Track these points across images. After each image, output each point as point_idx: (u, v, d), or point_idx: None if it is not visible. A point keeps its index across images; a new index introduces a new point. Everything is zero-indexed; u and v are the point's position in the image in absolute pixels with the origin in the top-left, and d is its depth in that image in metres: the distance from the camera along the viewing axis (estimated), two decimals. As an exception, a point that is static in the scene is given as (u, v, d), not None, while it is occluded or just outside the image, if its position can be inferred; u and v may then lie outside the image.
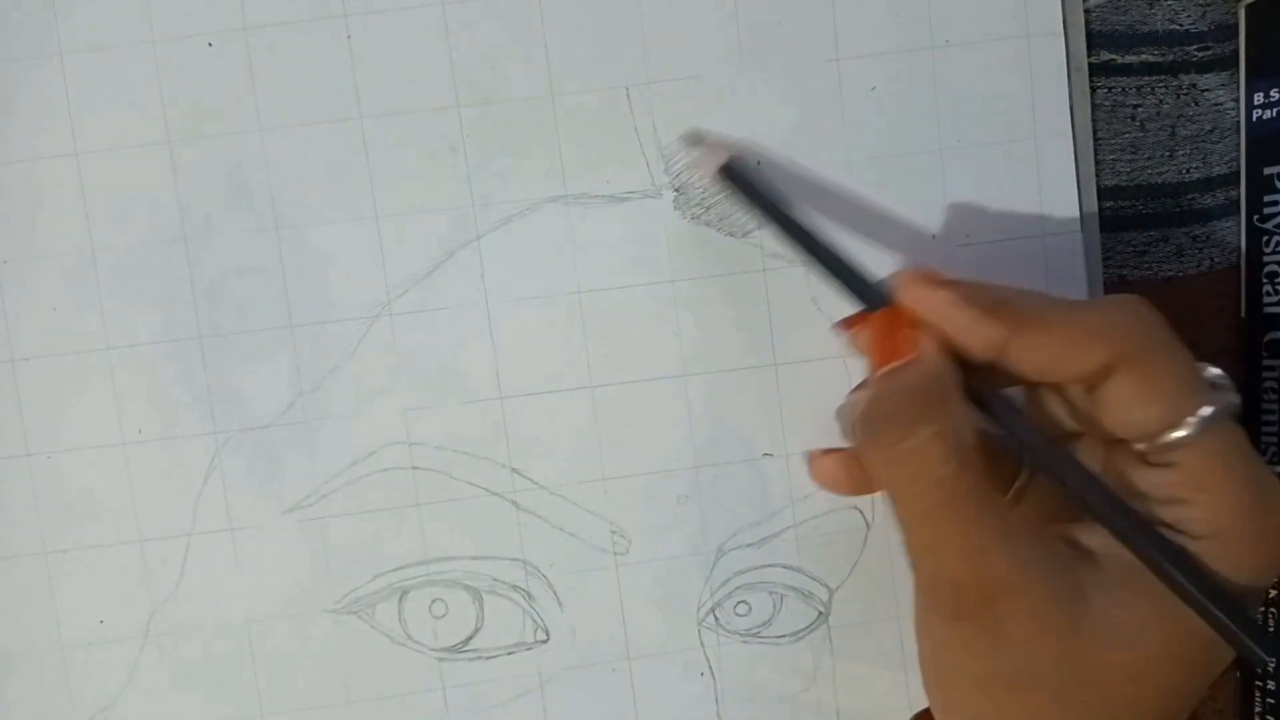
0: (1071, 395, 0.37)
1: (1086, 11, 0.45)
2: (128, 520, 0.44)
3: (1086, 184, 0.45)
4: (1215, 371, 0.36)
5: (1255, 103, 0.45)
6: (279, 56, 0.43)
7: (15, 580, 0.44)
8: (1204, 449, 0.34)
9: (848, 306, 0.39)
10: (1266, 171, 0.45)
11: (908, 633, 0.46)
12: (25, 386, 0.43)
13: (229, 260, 0.43)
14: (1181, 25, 0.46)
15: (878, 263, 0.44)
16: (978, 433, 0.35)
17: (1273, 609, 0.46)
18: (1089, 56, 0.45)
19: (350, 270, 0.44)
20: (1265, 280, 0.46)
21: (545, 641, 0.45)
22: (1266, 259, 0.45)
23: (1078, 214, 0.45)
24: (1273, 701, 0.46)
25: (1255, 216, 0.46)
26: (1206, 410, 0.34)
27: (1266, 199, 0.45)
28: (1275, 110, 0.45)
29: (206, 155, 0.43)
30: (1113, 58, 0.45)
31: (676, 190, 0.44)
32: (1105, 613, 0.34)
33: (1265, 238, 0.45)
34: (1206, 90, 0.46)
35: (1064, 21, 0.44)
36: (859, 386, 0.40)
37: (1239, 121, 0.46)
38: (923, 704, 0.46)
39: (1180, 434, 0.34)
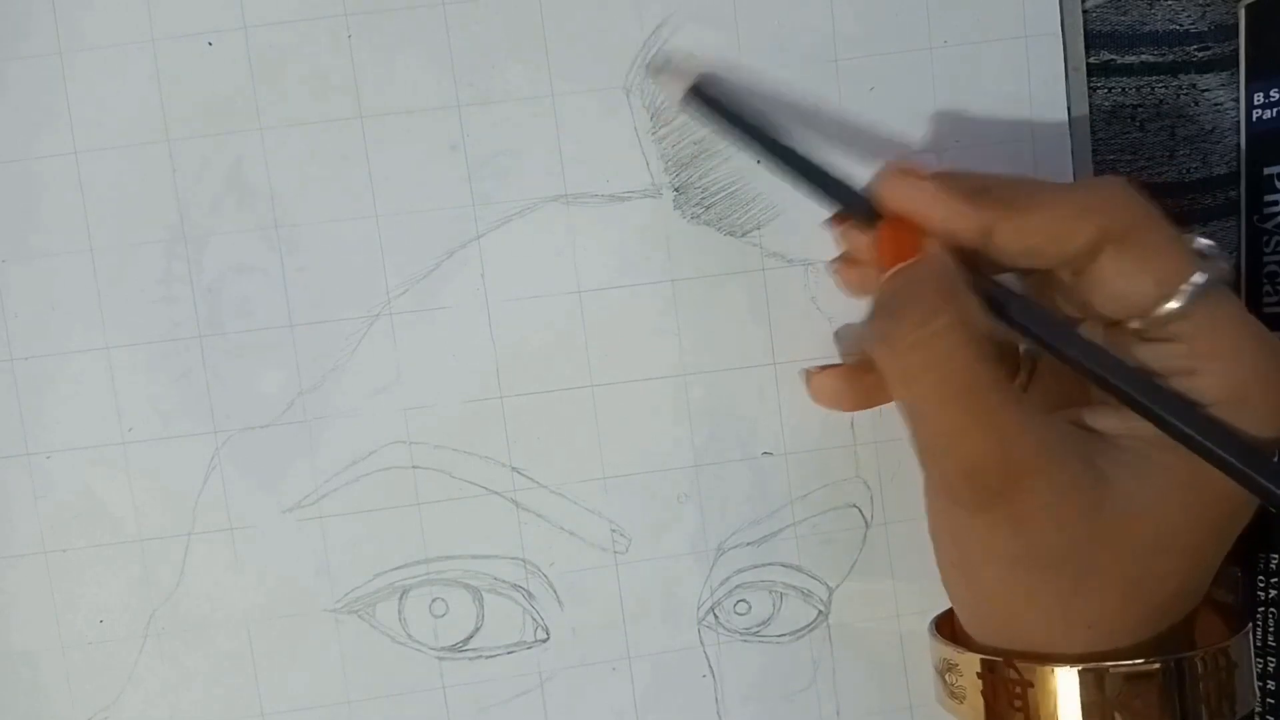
0: (1062, 280, 0.37)
1: (1086, 12, 0.45)
2: (127, 520, 0.44)
3: (1086, 181, 0.45)
4: (1205, 242, 0.36)
5: (1255, 103, 0.46)
6: (279, 55, 0.43)
7: (15, 580, 0.44)
8: (1202, 317, 0.34)
9: (847, 304, 0.39)
10: (1266, 172, 0.45)
11: (908, 631, 0.46)
12: (24, 386, 0.43)
13: (229, 259, 0.43)
14: (1181, 25, 0.46)
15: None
16: (987, 323, 0.35)
17: (1273, 609, 0.46)
18: (1088, 57, 0.45)
19: (350, 269, 0.44)
20: (1265, 280, 0.46)
21: (545, 640, 0.45)
22: (1266, 259, 0.46)
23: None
24: (1273, 701, 0.46)
25: (1255, 217, 0.46)
26: (1199, 278, 0.34)
27: (1266, 199, 0.45)
28: (1275, 110, 0.45)
29: (206, 154, 0.43)
30: (1112, 58, 0.45)
31: (676, 190, 0.44)
32: (1125, 489, 0.34)
33: (1265, 238, 0.45)
34: (1206, 90, 0.46)
35: (1062, 22, 0.44)
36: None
37: (1239, 122, 0.46)
38: (923, 701, 0.46)
39: (1174, 305, 0.34)
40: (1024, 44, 0.44)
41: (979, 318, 0.35)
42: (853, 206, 0.39)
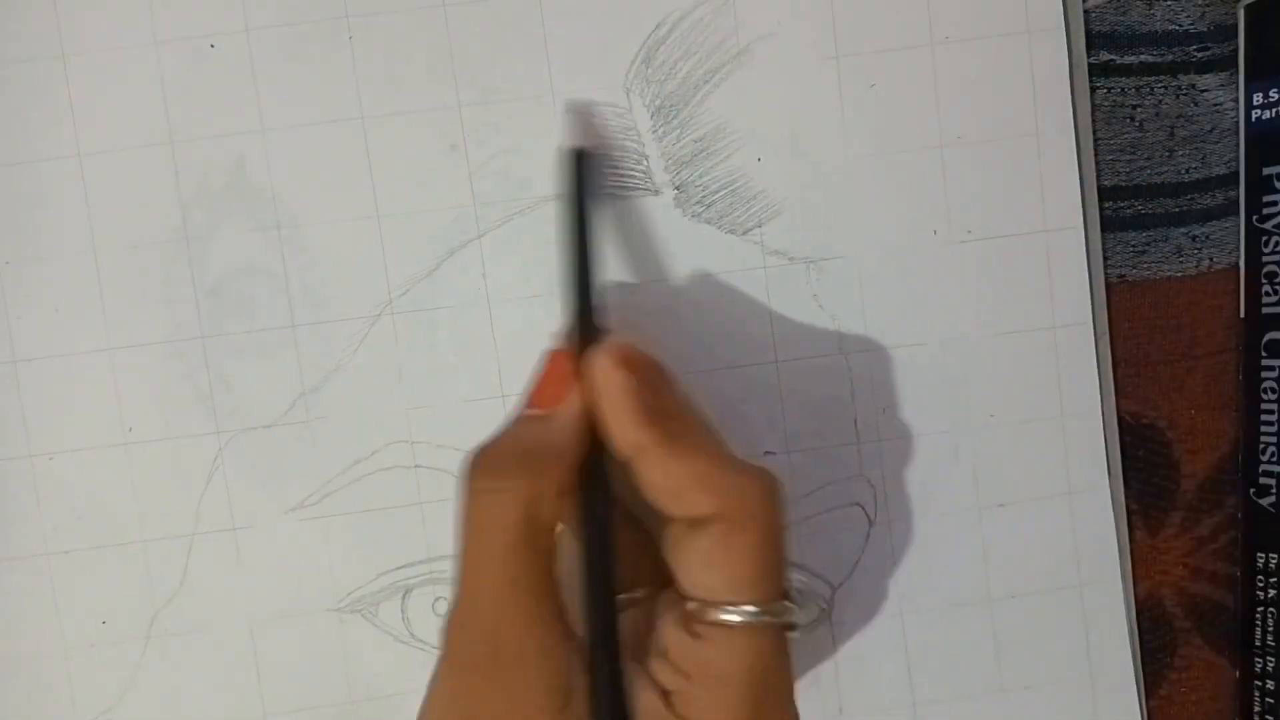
0: (674, 531, 0.36)
1: (1086, 12, 0.45)
2: (130, 521, 0.44)
3: (1088, 179, 0.45)
4: (800, 583, 0.35)
5: (1254, 103, 0.46)
6: (281, 57, 0.43)
7: (18, 582, 0.44)
8: (736, 645, 0.33)
9: (850, 302, 0.39)
10: (1266, 172, 0.45)
11: (910, 630, 0.46)
12: (27, 387, 0.44)
13: (231, 260, 0.43)
14: (1181, 26, 0.46)
15: (875, 264, 0.44)
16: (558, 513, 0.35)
17: (1272, 609, 0.46)
18: (1088, 57, 0.45)
19: (352, 269, 0.44)
20: (1264, 280, 0.46)
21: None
22: (1266, 259, 0.46)
23: (1080, 209, 0.45)
24: (1272, 701, 0.46)
25: (1254, 217, 0.46)
26: (753, 609, 0.33)
27: (1266, 199, 0.45)
28: (1274, 110, 0.45)
29: (209, 155, 0.43)
30: (1112, 58, 0.46)
31: (677, 188, 0.44)
32: None
33: (1264, 238, 0.46)
34: (1206, 91, 0.46)
35: (1065, 17, 0.45)
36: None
37: (1238, 122, 0.46)
38: (926, 700, 0.46)
39: (724, 616, 0.33)
40: (1026, 39, 0.44)
41: (550, 506, 0.34)
42: (579, 329, 0.38)
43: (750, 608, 0.33)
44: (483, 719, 0.34)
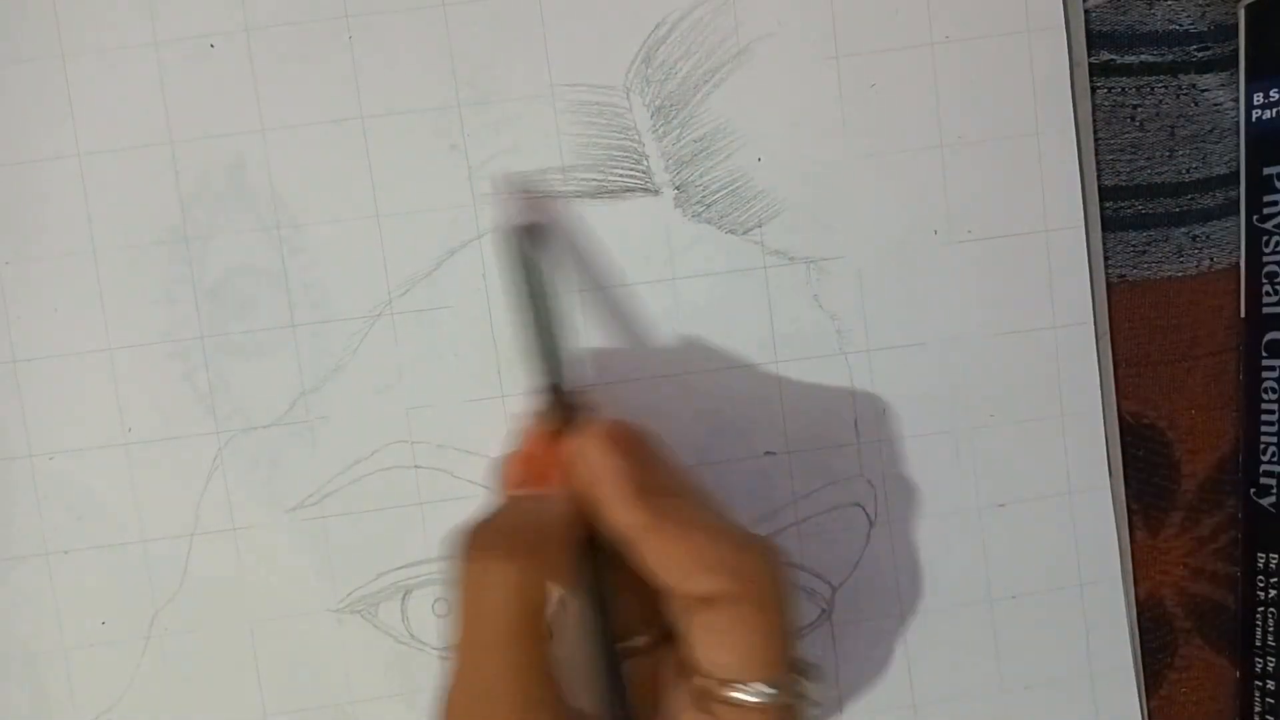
0: (677, 607, 0.36)
1: (1086, 12, 0.45)
2: (130, 521, 0.44)
3: (1089, 179, 0.45)
4: (809, 660, 0.35)
5: (1255, 103, 0.46)
6: (281, 57, 0.43)
7: (18, 581, 0.44)
8: None
9: (850, 302, 0.39)
10: (1266, 171, 0.45)
11: (911, 629, 0.46)
12: (27, 387, 0.43)
13: (231, 260, 0.43)
14: (1181, 25, 0.46)
15: (875, 264, 0.44)
16: (567, 600, 0.35)
17: (1272, 609, 0.46)
18: (1089, 57, 0.45)
19: (352, 269, 0.44)
20: (1265, 280, 0.46)
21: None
22: (1266, 259, 0.46)
23: (1080, 208, 0.45)
24: (1273, 701, 0.46)
25: (1255, 216, 0.46)
26: (767, 689, 0.33)
27: (1266, 199, 0.45)
28: (1275, 110, 0.45)
29: (208, 155, 0.43)
30: (1112, 58, 0.46)
31: (677, 188, 0.44)
32: None
33: (1265, 238, 0.46)
34: (1206, 90, 0.46)
35: (1065, 16, 0.45)
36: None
37: (1238, 122, 0.46)
38: (927, 700, 0.46)
39: (738, 695, 0.33)
40: (1027, 38, 0.44)
41: (539, 588, 0.34)
42: (552, 407, 0.38)
43: (764, 687, 0.33)
44: None
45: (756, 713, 0.33)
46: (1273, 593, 0.46)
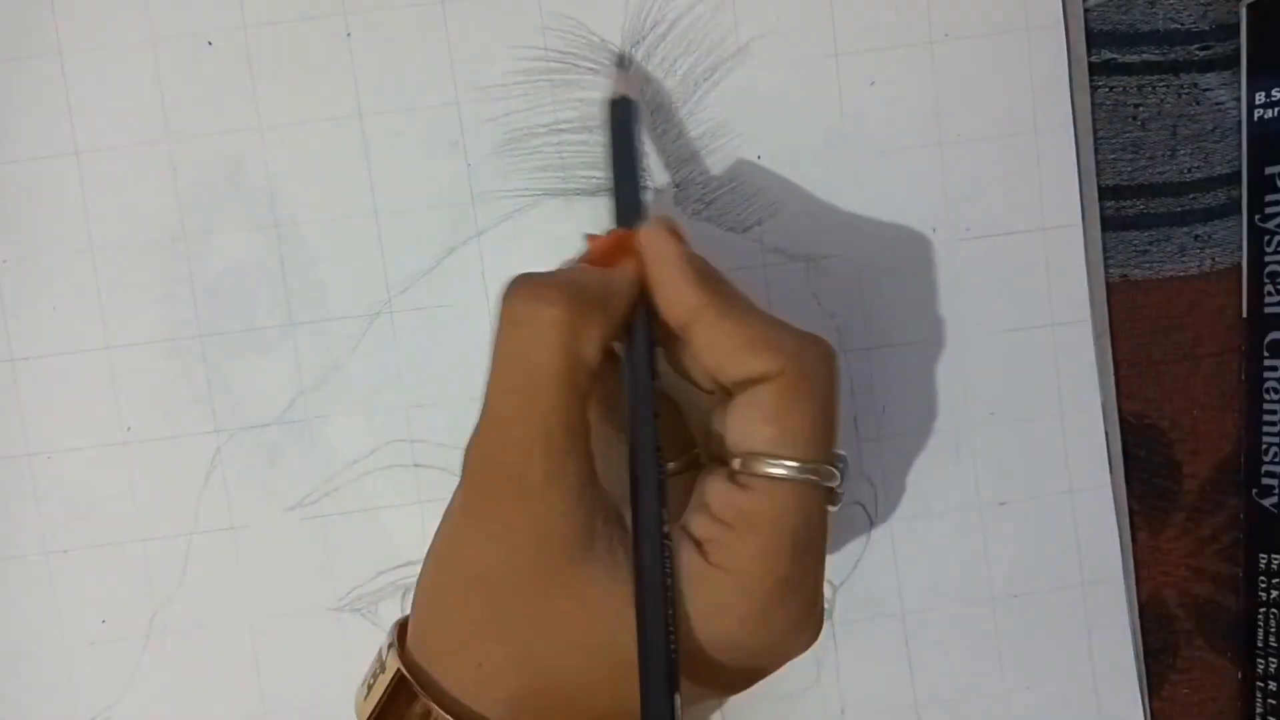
0: (724, 396, 0.36)
1: (1087, 11, 0.45)
2: (129, 519, 0.44)
3: (1087, 176, 0.45)
4: (842, 454, 0.35)
5: (1257, 102, 0.46)
6: (279, 55, 0.43)
7: (17, 581, 0.44)
8: (779, 497, 0.33)
9: (851, 300, 0.39)
10: (1268, 171, 0.45)
11: (912, 629, 0.46)
12: (25, 386, 0.44)
13: (229, 258, 0.43)
14: (1183, 24, 0.46)
15: (874, 262, 0.44)
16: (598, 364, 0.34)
17: (1273, 609, 0.46)
18: (1089, 56, 0.45)
19: (351, 267, 0.44)
20: (1266, 280, 0.46)
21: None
22: (1268, 259, 0.45)
23: (1079, 206, 0.45)
24: (1274, 702, 0.46)
25: (1256, 216, 0.46)
26: (803, 464, 0.33)
27: (1268, 199, 0.45)
28: (1276, 110, 0.45)
29: (207, 153, 0.43)
30: (1113, 57, 0.45)
31: (677, 186, 0.44)
32: (594, 579, 0.33)
33: (1266, 237, 0.45)
34: (1208, 90, 0.46)
35: (1064, 13, 0.44)
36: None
37: (1240, 121, 0.46)
38: (930, 700, 0.46)
39: (773, 469, 0.33)
40: (1026, 36, 0.44)
41: (595, 353, 0.33)
42: (626, 211, 0.38)
43: (800, 463, 0.33)
44: (501, 549, 0.33)
45: (789, 488, 0.33)
46: (1274, 594, 0.46)
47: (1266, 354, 0.46)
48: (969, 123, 0.45)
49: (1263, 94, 0.45)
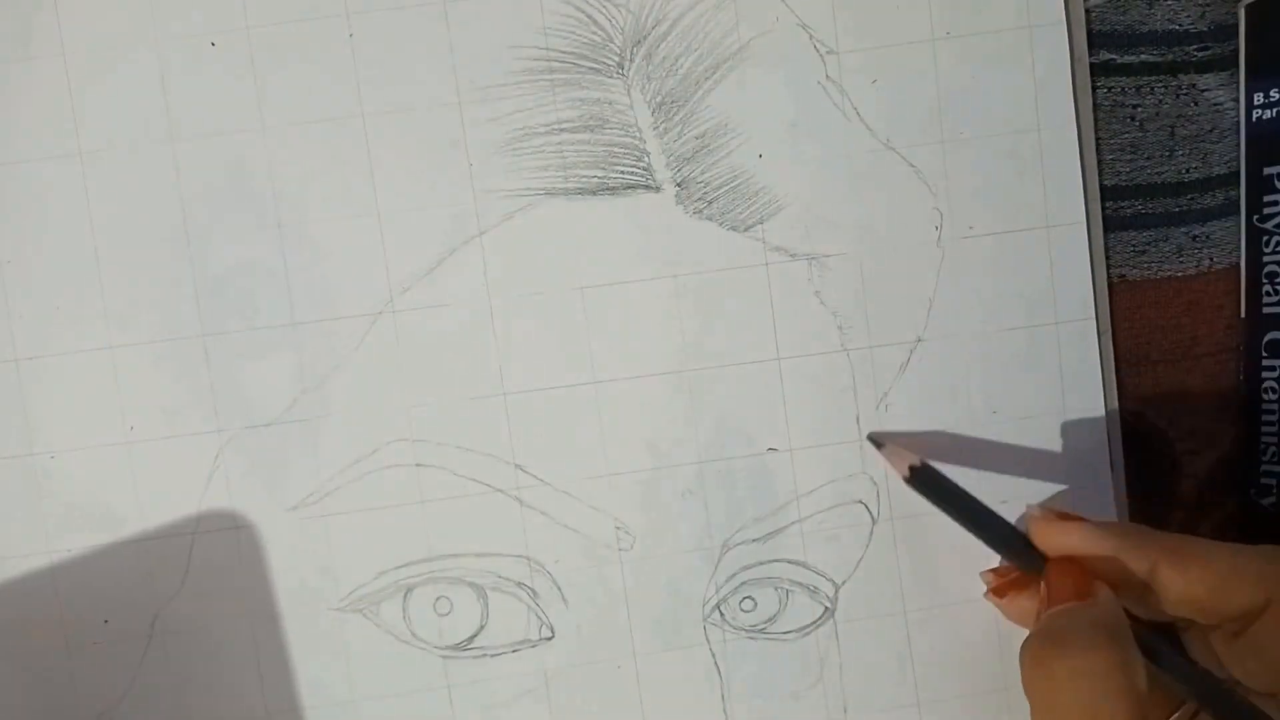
0: (1223, 639, 0.36)
1: (1087, 11, 0.45)
2: (131, 519, 0.44)
3: (1090, 175, 0.45)
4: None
5: (1255, 103, 0.46)
6: (281, 55, 0.43)
7: (19, 580, 0.44)
8: None
9: (851, 299, 0.39)
10: (1266, 171, 0.45)
11: (914, 627, 0.46)
12: (28, 386, 0.43)
13: (231, 258, 0.43)
14: (1181, 25, 0.46)
15: (876, 260, 0.44)
16: (1142, 679, 0.34)
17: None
18: (1089, 57, 0.45)
19: (353, 267, 0.44)
20: (1265, 280, 0.46)
21: (550, 638, 0.45)
22: (1266, 259, 0.46)
23: (1082, 205, 0.45)
24: (1275, 702, 0.46)
25: (1255, 216, 0.46)
26: None
27: (1266, 199, 0.45)
28: (1275, 110, 0.45)
29: (209, 153, 0.43)
30: (1112, 57, 0.46)
31: (678, 185, 0.44)
32: None
33: (1265, 238, 0.46)
34: (1206, 90, 0.46)
35: (1066, 12, 0.45)
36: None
37: (1238, 121, 0.46)
38: (931, 699, 0.46)
39: None
40: (1028, 34, 0.44)
41: (1140, 672, 0.34)
42: (1024, 558, 0.40)
43: None
44: None
45: None
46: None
47: (1264, 354, 0.46)
48: (971, 121, 0.45)
49: (1261, 95, 0.45)
